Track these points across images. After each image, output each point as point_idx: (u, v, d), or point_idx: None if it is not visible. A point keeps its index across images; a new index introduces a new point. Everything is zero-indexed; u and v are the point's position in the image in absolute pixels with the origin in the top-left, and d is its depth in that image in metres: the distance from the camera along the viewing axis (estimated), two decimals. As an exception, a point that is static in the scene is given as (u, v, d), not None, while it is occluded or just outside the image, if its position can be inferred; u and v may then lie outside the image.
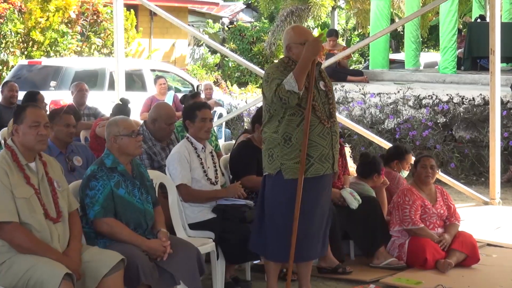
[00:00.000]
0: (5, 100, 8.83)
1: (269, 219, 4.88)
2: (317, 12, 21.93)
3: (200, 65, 23.38)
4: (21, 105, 4.31)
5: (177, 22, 9.66)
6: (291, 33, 4.93)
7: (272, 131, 4.82)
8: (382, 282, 5.67)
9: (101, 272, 3.99)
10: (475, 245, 6.12)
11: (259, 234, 4.93)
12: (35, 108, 4.17)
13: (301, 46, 4.82)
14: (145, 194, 4.62)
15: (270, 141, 4.83)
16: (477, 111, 10.58)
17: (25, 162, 4.06)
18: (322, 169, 4.82)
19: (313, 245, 4.93)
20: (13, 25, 15.56)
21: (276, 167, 4.81)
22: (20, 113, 4.13)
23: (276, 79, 4.73)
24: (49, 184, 4.12)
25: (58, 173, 4.25)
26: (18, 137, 4.09)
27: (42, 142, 4.11)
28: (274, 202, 4.86)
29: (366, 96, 11.65)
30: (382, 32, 11.26)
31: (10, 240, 3.91)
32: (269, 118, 4.83)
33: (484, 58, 12.07)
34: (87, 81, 10.17)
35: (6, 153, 4.06)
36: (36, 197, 4.00)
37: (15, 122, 4.13)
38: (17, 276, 3.85)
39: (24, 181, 4.00)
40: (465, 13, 22.49)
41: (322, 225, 4.96)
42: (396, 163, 6.89)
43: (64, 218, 4.13)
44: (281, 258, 4.95)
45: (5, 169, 3.97)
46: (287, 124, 4.76)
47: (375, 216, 6.12)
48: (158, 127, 5.82)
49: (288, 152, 4.77)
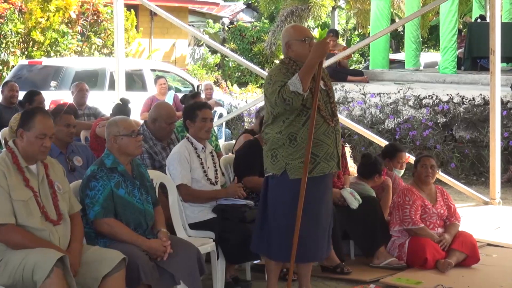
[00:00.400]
0: (5, 100, 8.83)
1: (273, 220, 4.87)
2: (317, 12, 21.93)
3: (200, 65, 23.39)
4: (31, 110, 4.21)
5: (178, 22, 9.67)
6: (290, 30, 4.94)
7: (276, 131, 4.81)
8: (382, 282, 5.67)
9: (102, 271, 4.00)
10: (475, 245, 6.12)
11: (261, 235, 4.92)
12: (44, 118, 4.10)
13: (301, 43, 4.83)
14: (145, 194, 4.62)
15: (274, 141, 4.82)
16: (477, 111, 10.59)
17: (25, 165, 4.05)
18: (328, 168, 4.83)
19: (320, 246, 4.93)
20: (13, 25, 15.56)
21: (281, 167, 4.80)
22: (28, 119, 4.08)
23: (278, 81, 4.72)
24: (49, 187, 4.11)
25: (59, 175, 4.25)
26: (21, 141, 4.07)
27: (44, 153, 4.10)
28: (279, 202, 4.85)
29: (366, 96, 11.66)
30: (382, 32, 11.26)
31: (7, 241, 3.92)
32: (273, 120, 4.82)
33: (484, 58, 12.07)
34: (88, 81, 10.17)
35: (6, 155, 4.05)
36: (34, 200, 4.00)
37: (22, 126, 4.08)
38: (13, 270, 3.85)
39: (23, 184, 3.99)
40: (465, 13, 22.49)
41: (327, 226, 4.97)
42: (387, 161, 6.88)
43: (65, 220, 4.12)
44: (285, 258, 4.94)
45: (4, 171, 3.96)
46: (292, 124, 4.76)
47: (375, 216, 6.12)
48: (158, 126, 5.82)
49: (294, 151, 4.77)
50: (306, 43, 4.84)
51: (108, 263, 4.03)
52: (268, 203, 4.90)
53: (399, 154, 6.89)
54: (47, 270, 3.74)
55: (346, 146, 7.13)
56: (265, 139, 4.91)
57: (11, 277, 3.87)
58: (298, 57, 4.83)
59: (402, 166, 6.91)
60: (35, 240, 3.94)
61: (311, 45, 4.83)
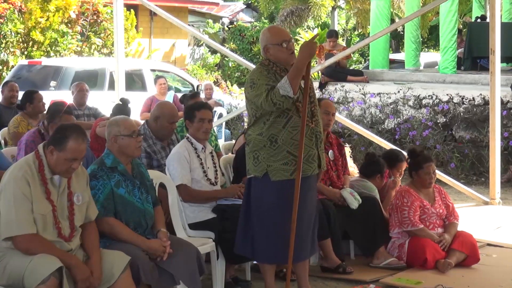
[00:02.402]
0: (5, 100, 8.82)
1: (256, 221, 4.85)
2: (317, 12, 21.95)
3: (200, 65, 23.39)
4: (66, 130, 4.04)
5: (177, 22, 9.66)
6: (267, 34, 4.86)
7: (256, 133, 4.78)
8: (382, 282, 5.66)
9: (116, 273, 4.02)
10: (475, 245, 6.11)
11: (245, 236, 4.91)
12: (78, 141, 4.00)
13: (278, 47, 4.77)
14: (145, 194, 4.62)
15: (255, 143, 4.79)
16: (477, 111, 10.58)
17: (50, 176, 4.00)
18: (310, 170, 4.81)
19: (304, 245, 4.92)
20: (13, 25, 15.55)
21: (262, 169, 4.77)
22: (62, 139, 3.98)
23: (263, 85, 4.67)
24: (67, 199, 4.07)
25: (81, 184, 4.19)
26: (51, 157, 3.99)
27: (70, 173, 4.06)
28: (262, 204, 4.82)
29: (366, 96, 11.66)
30: (382, 32, 11.25)
31: (27, 250, 3.87)
32: (255, 121, 4.79)
33: (484, 58, 12.06)
34: (87, 81, 10.17)
35: (33, 161, 3.99)
36: (52, 215, 3.97)
37: (53, 145, 3.98)
38: (13, 271, 3.84)
39: (44, 196, 3.95)
40: (465, 13, 22.48)
41: (310, 225, 4.96)
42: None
43: (77, 233, 4.09)
44: (271, 260, 4.95)
45: (28, 180, 3.91)
46: (272, 126, 4.72)
47: (375, 216, 6.12)
48: (160, 125, 5.82)
49: (275, 153, 4.74)
50: (284, 47, 4.77)
51: (118, 264, 4.06)
52: (251, 205, 4.88)
53: (400, 164, 6.80)
54: (43, 275, 3.73)
55: (346, 146, 7.10)
56: (247, 141, 4.87)
57: (11, 278, 3.86)
58: (277, 61, 4.79)
59: (401, 174, 6.88)
60: (55, 251, 3.91)
61: (289, 47, 4.77)
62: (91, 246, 4.13)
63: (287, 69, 4.74)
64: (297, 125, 4.71)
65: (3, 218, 3.88)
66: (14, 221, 3.85)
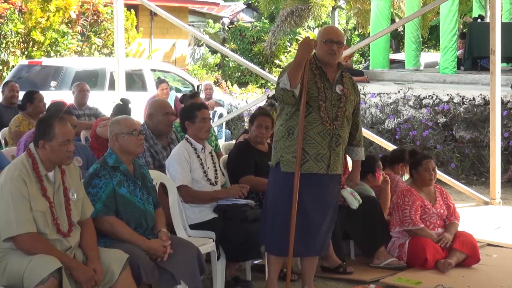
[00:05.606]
0: (5, 100, 8.83)
1: (265, 211, 5.02)
2: (317, 12, 21.92)
3: (200, 65, 23.40)
4: (47, 120, 4.09)
5: (178, 22, 9.67)
6: (320, 30, 5.06)
7: (280, 123, 4.94)
8: (382, 282, 5.67)
9: (115, 271, 4.03)
10: (475, 245, 6.12)
11: (264, 225, 5.03)
12: (62, 124, 4.04)
13: (321, 43, 4.89)
14: (146, 194, 4.62)
15: (277, 133, 4.97)
16: (478, 111, 10.59)
17: (44, 173, 4.01)
18: (316, 168, 4.86)
19: (311, 241, 4.95)
20: (13, 25, 15.56)
21: (276, 159, 4.93)
22: (47, 129, 4.00)
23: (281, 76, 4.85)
24: (64, 195, 4.07)
25: (75, 180, 4.20)
26: (44, 152, 3.99)
27: (70, 157, 4.08)
28: (271, 195, 4.97)
29: (367, 96, 11.66)
30: (382, 32, 11.26)
31: (29, 249, 3.87)
32: (280, 112, 4.96)
33: (485, 58, 12.07)
34: (88, 81, 10.17)
35: (27, 160, 3.99)
36: (50, 211, 3.97)
37: (42, 138, 4.00)
38: (13, 271, 3.84)
39: (40, 193, 3.96)
40: (465, 13, 22.47)
41: (321, 224, 4.97)
42: (401, 166, 6.86)
43: (75, 229, 4.11)
44: (275, 251, 5.01)
45: (24, 178, 3.91)
46: (292, 118, 4.86)
47: (375, 216, 6.12)
48: (156, 121, 5.84)
49: (289, 145, 4.86)
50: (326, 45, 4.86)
51: (117, 262, 4.07)
52: (266, 195, 5.03)
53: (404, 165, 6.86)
54: (43, 276, 3.72)
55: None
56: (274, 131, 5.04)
57: (11, 278, 3.86)
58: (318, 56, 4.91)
59: (403, 172, 6.90)
60: (55, 252, 3.91)
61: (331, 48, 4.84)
62: (89, 243, 4.13)
63: (322, 68, 4.88)
64: (314, 122, 4.82)
65: (3, 218, 3.88)
66: (13, 221, 3.85)
